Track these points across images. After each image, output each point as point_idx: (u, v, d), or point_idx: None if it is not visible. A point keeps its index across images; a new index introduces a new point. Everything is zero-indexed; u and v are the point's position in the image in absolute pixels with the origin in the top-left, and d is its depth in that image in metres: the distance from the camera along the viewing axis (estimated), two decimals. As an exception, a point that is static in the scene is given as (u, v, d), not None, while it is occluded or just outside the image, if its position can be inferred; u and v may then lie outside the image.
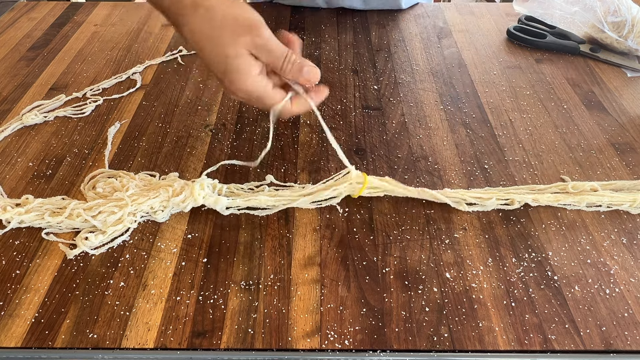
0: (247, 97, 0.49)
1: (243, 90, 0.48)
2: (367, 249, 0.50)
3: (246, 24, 0.48)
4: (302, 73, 0.49)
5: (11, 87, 0.73)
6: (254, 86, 0.48)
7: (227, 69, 0.47)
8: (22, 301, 0.45)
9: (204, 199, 0.53)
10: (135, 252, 0.49)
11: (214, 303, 0.45)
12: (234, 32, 0.47)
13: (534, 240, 0.50)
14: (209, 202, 0.53)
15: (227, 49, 0.47)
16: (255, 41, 0.47)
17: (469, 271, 0.47)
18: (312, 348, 0.42)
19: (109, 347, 0.42)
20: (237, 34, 0.47)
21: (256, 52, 0.48)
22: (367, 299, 0.45)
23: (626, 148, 0.62)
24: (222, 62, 0.47)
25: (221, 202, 0.52)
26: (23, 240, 0.51)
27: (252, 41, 0.47)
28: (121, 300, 0.45)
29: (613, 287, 0.46)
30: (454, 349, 0.41)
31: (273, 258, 0.49)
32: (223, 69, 0.48)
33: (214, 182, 0.55)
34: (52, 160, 0.60)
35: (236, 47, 0.47)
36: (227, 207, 0.53)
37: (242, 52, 0.47)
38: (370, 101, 0.71)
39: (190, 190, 0.52)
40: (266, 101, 0.50)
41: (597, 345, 0.42)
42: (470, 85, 0.74)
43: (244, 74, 0.47)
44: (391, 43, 0.85)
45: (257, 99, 0.49)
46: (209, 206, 0.53)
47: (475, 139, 0.63)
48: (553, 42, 0.82)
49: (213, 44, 0.47)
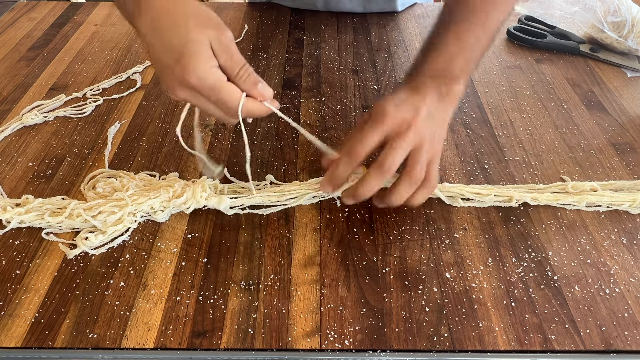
0: (198, 86, 0.45)
1: (196, 76, 0.45)
2: (367, 249, 0.50)
3: (216, 21, 0.47)
4: (257, 87, 0.48)
5: (11, 87, 0.73)
6: (209, 72, 0.45)
7: (184, 52, 0.44)
8: (22, 301, 0.45)
9: (206, 200, 0.53)
10: (135, 252, 0.49)
11: (214, 303, 0.45)
12: (202, 24, 0.46)
13: (534, 240, 0.50)
14: (212, 203, 0.53)
15: (191, 33, 0.45)
16: (220, 38, 0.46)
17: (469, 271, 0.47)
18: (312, 348, 0.42)
19: (109, 347, 0.42)
20: (205, 26, 0.46)
21: (217, 49, 0.46)
22: (367, 299, 0.45)
23: (626, 148, 0.62)
24: (180, 45, 0.45)
25: (224, 201, 0.52)
26: (23, 240, 0.51)
27: (217, 37, 0.46)
28: (121, 300, 0.45)
29: (613, 287, 0.46)
30: (454, 349, 0.41)
31: (273, 258, 0.49)
32: (179, 52, 0.45)
33: (215, 183, 0.55)
34: (52, 160, 0.60)
35: (201, 35, 0.45)
36: (231, 206, 0.53)
37: (204, 41, 0.45)
38: (370, 101, 0.71)
39: (192, 191, 0.52)
40: (221, 93, 0.46)
41: (597, 345, 0.42)
42: (470, 85, 0.74)
43: (201, 59, 0.45)
44: (391, 43, 0.85)
45: (210, 89, 0.46)
46: (212, 207, 0.53)
47: (475, 139, 0.63)
48: (553, 42, 0.82)
49: (177, 27, 0.45)
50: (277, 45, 0.84)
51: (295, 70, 0.77)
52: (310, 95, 0.72)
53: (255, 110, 0.48)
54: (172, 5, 0.46)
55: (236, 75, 0.47)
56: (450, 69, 0.52)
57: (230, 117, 0.49)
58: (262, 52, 0.82)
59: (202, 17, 0.46)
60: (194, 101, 0.47)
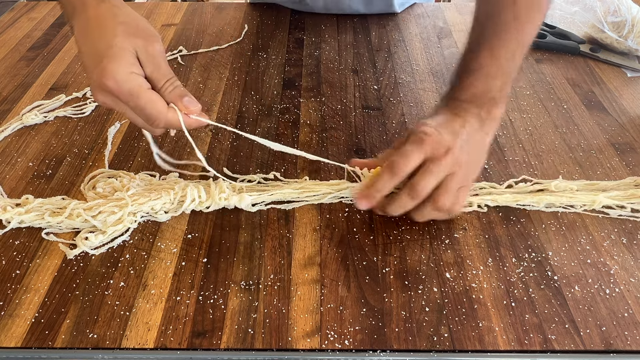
0: (115, 90, 0.44)
1: (113, 79, 0.44)
2: (367, 249, 0.50)
3: (147, 32, 0.47)
4: (182, 100, 0.47)
5: (11, 87, 0.73)
6: (128, 77, 0.45)
7: (106, 55, 0.44)
8: (22, 301, 0.45)
9: (226, 200, 0.52)
10: (135, 252, 0.49)
11: (214, 303, 0.45)
12: (130, 32, 0.46)
13: (534, 240, 0.50)
14: (233, 202, 0.53)
15: (116, 39, 0.45)
16: (147, 48, 0.46)
17: (469, 271, 0.47)
18: (312, 348, 0.42)
19: (109, 347, 0.42)
20: (133, 35, 0.46)
21: (144, 58, 0.46)
22: (367, 299, 0.45)
23: (626, 148, 0.62)
24: (103, 49, 0.44)
25: (245, 199, 0.52)
26: (23, 240, 0.51)
27: (145, 47, 0.46)
28: (121, 300, 0.45)
29: (613, 287, 0.46)
30: (454, 349, 0.41)
31: (273, 258, 0.49)
32: (101, 56, 0.44)
33: (233, 183, 0.55)
34: (52, 160, 0.60)
35: (125, 41, 0.45)
36: (253, 203, 0.53)
37: (128, 48, 0.45)
38: (370, 101, 0.71)
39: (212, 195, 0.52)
40: (140, 100, 0.45)
41: (597, 345, 0.42)
42: (470, 85, 0.74)
43: (121, 64, 0.44)
44: (391, 43, 0.85)
45: (128, 94, 0.45)
46: (232, 205, 0.53)
47: (475, 139, 0.63)
48: (553, 42, 0.82)
49: (104, 31, 0.45)
50: (277, 45, 0.84)
51: (295, 70, 0.77)
52: (310, 95, 0.72)
53: (176, 122, 0.47)
54: (104, 12, 0.46)
55: (161, 87, 0.47)
56: (488, 92, 0.51)
57: (151, 125, 0.48)
58: (262, 52, 0.82)
59: (132, 26, 0.46)
60: (114, 106, 0.47)
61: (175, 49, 0.82)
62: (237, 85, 0.74)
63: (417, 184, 0.48)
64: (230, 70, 0.77)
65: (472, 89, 0.51)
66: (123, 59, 0.45)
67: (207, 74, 0.77)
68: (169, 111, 0.47)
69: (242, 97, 0.71)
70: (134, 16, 0.48)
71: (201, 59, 0.81)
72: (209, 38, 0.86)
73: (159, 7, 0.96)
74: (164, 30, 0.88)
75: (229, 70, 0.78)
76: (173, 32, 0.88)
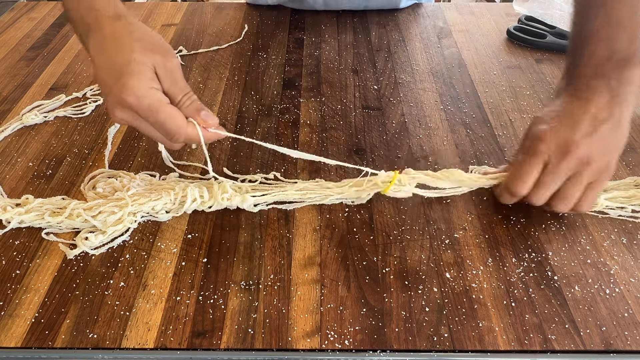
0: (136, 105, 0.45)
1: (134, 95, 0.44)
2: (367, 249, 0.50)
3: (163, 47, 0.48)
4: (200, 114, 0.48)
5: (11, 87, 0.73)
6: (148, 92, 0.45)
7: (125, 72, 0.45)
8: (22, 301, 0.45)
9: (229, 200, 0.52)
10: (135, 252, 0.49)
11: (214, 303, 0.45)
12: (148, 49, 0.46)
13: (534, 240, 0.50)
14: (235, 202, 0.53)
15: (135, 55, 0.45)
16: (165, 64, 0.46)
17: (469, 271, 0.47)
18: (312, 348, 0.42)
19: (109, 347, 0.42)
20: (151, 51, 0.46)
21: (162, 74, 0.46)
22: (367, 299, 0.45)
23: (626, 148, 0.62)
24: (122, 66, 0.45)
25: (247, 200, 0.52)
26: (23, 240, 0.51)
27: (163, 63, 0.46)
28: (121, 300, 0.45)
29: (613, 287, 0.46)
30: (454, 349, 0.41)
31: (273, 258, 0.49)
32: (120, 72, 0.45)
33: (237, 183, 0.55)
34: (52, 160, 0.60)
35: (143, 57, 0.46)
36: (255, 203, 0.53)
37: (147, 63, 0.46)
38: (370, 101, 0.71)
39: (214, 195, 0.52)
40: (160, 114, 0.46)
41: (597, 345, 0.42)
42: (470, 85, 0.74)
43: (141, 79, 0.45)
44: (391, 43, 0.85)
45: (148, 109, 0.45)
46: (235, 206, 0.53)
47: (475, 139, 0.63)
48: (553, 42, 0.82)
49: (121, 48, 0.46)
50: (277, 45, 0.84)
51: (295, 70, 0.77)
52: (310, 95, 0.72)
53: (196, 137, 0.48)
54: (120, 29, 0.47)
55: (179, 102, 0.47)
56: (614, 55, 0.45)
57: (170, 140, 0.48)
58: (262, 52, 0.82)
59: (148, 42, 0.47)
60: (133, 122, 0.47)
61: (175, 49, 0.82)
62: (237, 85, 0.74)
63: (536, 193, 0.48)
64: (230, 70, 0.77)
65: (593, 59, 0.46)
66: (143, 75, 0.45)
67: (207, 74, 0.77)
68: (188, 125, 0.47)
69: (242, 97, 0.71)
70: (150, 32, 0.48)
71: (201, 59, 0.81)
72: (209, 38, 0.86)
73: (159, 7, 0.96)
74: (164, 30, 0.88)
75: (229, 70, 0.78)
76: (173, 32, 0.88)
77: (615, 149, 0.47)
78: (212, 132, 0.49)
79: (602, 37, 0.46)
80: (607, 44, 0.45)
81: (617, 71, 0.46)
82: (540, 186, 0.47)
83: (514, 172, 0.49)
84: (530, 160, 0.47)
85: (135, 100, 0.45)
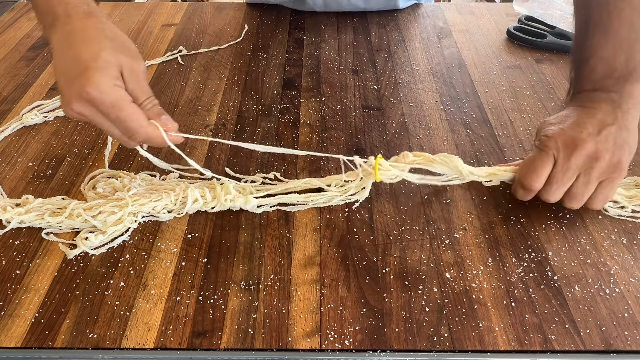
0: (97, 99, 0.44)
1: (97, 89, 0.44)
2: (367, 249, 0.50)
3: (132, 50, 0.48)
4: (161, 118, 0.49)
5: (11, 87, 0.73)
6: (112, 89, 0.45)
7: (91, 66, 0.44)
8: (22, 301, 0.45)
9: (232, 201, 0.52)
10: (135, 252, 0.49)
11: (214, 303, 0.45)
12: (117, 49, 0.46)
13: (534, 240, 0.50)
14: (238, 204, 0.53)
15: (103, 52, 0.45)
16: (132, 65, 0.47)
17: (469, 271, 0.47)
18: (312, 348, 0.42)
19: (109, 347, 0.42)
20: (120, 51, 0.46)
21: (127, 75, 0.46)
22: (367, 299, 0.45)
23: (626, 148, 0.62)
24: (88, 60, 0.44)
25: (251, 202, 0.52)
26: (23, 240, 0.51)
27: (130, 64, 0.46)
28: (121, 300, 0.45)
29: (613, 287, 0.46)
30: (454, 349, 0.41)
31: (273, 258, 0.49)
32: (86, 66, 0.44)
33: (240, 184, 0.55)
34: (52, 160, 0.60)
35: (112, 56, 0.45)
36: (258, 205, 0.53)
37: (114, 62, 0.46)
38: (370, 101, 0.71)
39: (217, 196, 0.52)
40: (122, 111, 0.45)
41: (597, 345, 0.42)
42: (470, 85, 0.74)
43: (106, 75, 0.45)
44: (391, 43, 0.85)
45: (110, 105, 0.45)
46: (238, 207, 0.53)
47: (475, 139, 0.63)
48: (553, 42, 0.82)
49: (90, 43, 0.45)
50: (277, 45, 0.84)
51: (295, 70, 0.77)
52: (310, 95, 0.72)
53: (155, 137, 0.48)
54: (92, 25, 0.47)
55: (141, 104, 0.48)
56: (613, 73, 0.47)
57: (129, 139, 0.48)
58: (262, 52, 0.82)
59: (118, 43, 0.47)
60: (91, 117, 0.46)
61: (175, 49, 0.82)
62: (237, 85, 0.74)
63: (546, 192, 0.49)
64: (230, 70, 0.77)
65: (593, 75, 0.48)
66: (108, 71, 0.45)
67: (207, 74, 0.77)
68: (148, 126, 0.48)
69: (242, 97, 0.71)
70: (120, 34, 0.49)
71: (201, 59, 0.81)
72: (209, 38, 0.86)
73: (159, 7, 0.96)
74: (164, 30, 0.88)
75: (229, 70, 0.78)
76: (173, 32, 0.88)
77: (623, 148, 0.48)
78: (173, 135, 0.49)
79: (601, 56, 0.48)
80: (606, 62, 0.48)
81: (618, 86, 0.48)
82: (552, 182, 0.49)
83: (526, 167, 0.51)
84: (540, 155, 0.49)
85: (98, 95, 0.44)
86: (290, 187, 0.55)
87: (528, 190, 0.51)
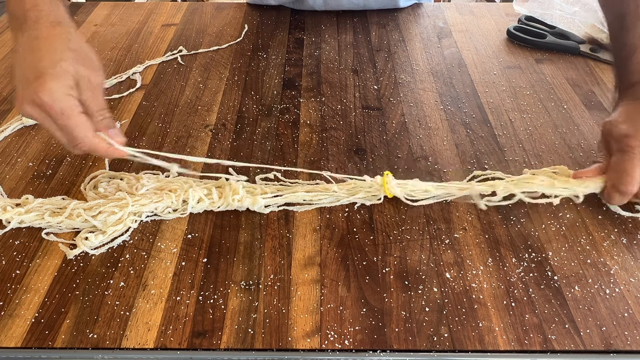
0: (48, 105, 0.45)
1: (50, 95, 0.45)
2: (367, 249, 0.50)
3: (94, 63, 0.49)
4: (109, 131, 0.49)
5: (11, 87, 0.73)
6: (64, 97, 0.45)
7: (47, 73, 0.45)
8: (22, 301, 0.45)
9: (239, 202, 0.52)
10: (135, 252, 0.49)
11: (214, 303, 0.45)
12: (78, 60, 0.47)
13: (534, 240, 0.50)
14: (246, 204, 0.53)
15: (62, 62, 0.46)
16: (90, 77, 0.47)
17: (469, 271, 0.47)
18: (312, 348, 0.42)
19: (109, 347, 0.42)
20: (80, 64, 0.47)
21: (84, 85, 0.47)
22: (367, 299, 0.45)
23: (626, 148, 0.62)
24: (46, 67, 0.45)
25: (258, 202, 0.52)
26: (23, 240, 0.51)
27: (88, 76, 0.47)
28: (121, 300, 0.45)
29: (613, 287, 0.46)
30: (454, 349, 0.41)
31: (273, 258, 0.49)
32: (42, 72, 0.45)
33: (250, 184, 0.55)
34: (52, 160, 0.60)
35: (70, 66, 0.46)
36: (266, 205, 0.53)
37: (71, 72, 0.46)
38: (370, 101, 0.71)
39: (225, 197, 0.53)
40: (70, 120, 0.46)
41: (597, 345, 0.42)
42: (470, 85, 0.74)
43: (61, 83, 0.45)
44: (391, 43, 0.85)
45: (60, 112, 0.45)
46: (245, 207, 0.53)
47: (475, 139, 0.63)
48: (553, 42, 0.82)
49: (52, 52, 0.46)
50: (277, 45, 0.84)
51: (295, 70, 0.77)
52: (310, 95, 0.72)
53: (99, 149, 0.49)
54: (58, 34, 0.48)
55: (93, 115, 0.48)
56: None
57: (73, 147, 0.49)
58: (262, 52, 0.82)
59: (80, 55, 0.48)
60: (40, 120, 0.47)
61: (175, 49, 0.82)
62: (237, 85, 0.74)
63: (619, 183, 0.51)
64: (230, 70, 0.77)
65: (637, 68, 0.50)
66: (63, 80, 0.46)
67: (207, 74, 0.77)
68: (94, 137, 0.48)
69: (242, 97, 0.71)
70: (85, 46, 0.49)
71: (201, 59, 0.81)
72: (209, 38, 0.86)
73: (159, 7, 0.96)
74: (164, 30, 0.88)
75: (229, 70, 0.78)
76: (173, 32, 0.88)
77: None
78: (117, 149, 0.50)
79: None
80: None
81: None
82: None
83: (617, 172, 0.51)
84: (628, 156, 0.49)
85: (50, 100, 0.45)
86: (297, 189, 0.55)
87: (624, 194, 0.51)
